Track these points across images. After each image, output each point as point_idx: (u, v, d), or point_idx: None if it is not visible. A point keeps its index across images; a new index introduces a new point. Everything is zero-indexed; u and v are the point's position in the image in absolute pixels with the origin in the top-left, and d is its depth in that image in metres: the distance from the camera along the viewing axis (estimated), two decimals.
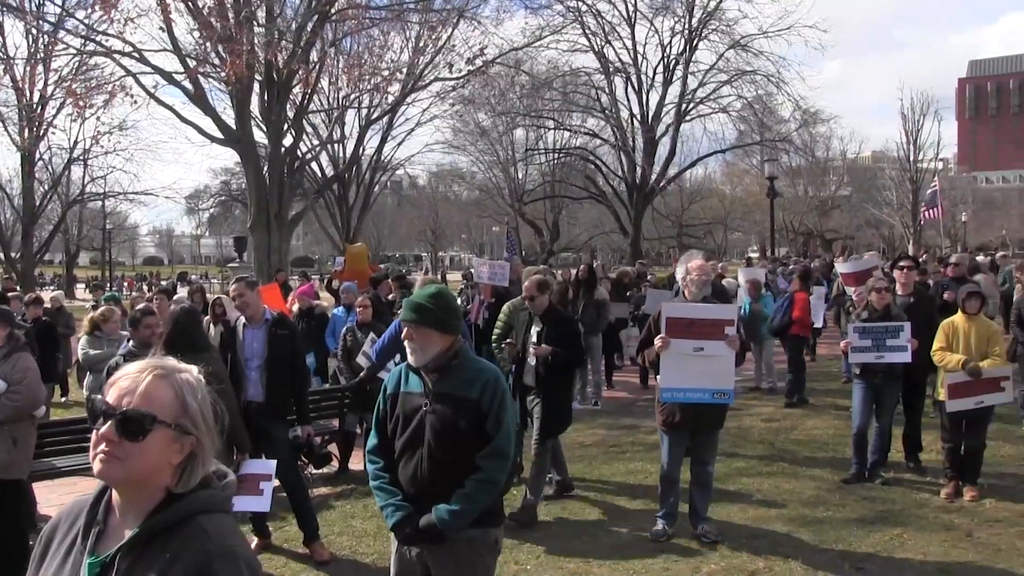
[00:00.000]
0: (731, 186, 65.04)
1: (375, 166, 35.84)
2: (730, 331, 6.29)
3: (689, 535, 6.58)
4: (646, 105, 34.82)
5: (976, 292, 7.76)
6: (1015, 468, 8.47)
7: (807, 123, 36.53)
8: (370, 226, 60.77)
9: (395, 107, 26.67)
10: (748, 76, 33.26)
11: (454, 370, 3.77)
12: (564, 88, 34.58)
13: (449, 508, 3.62)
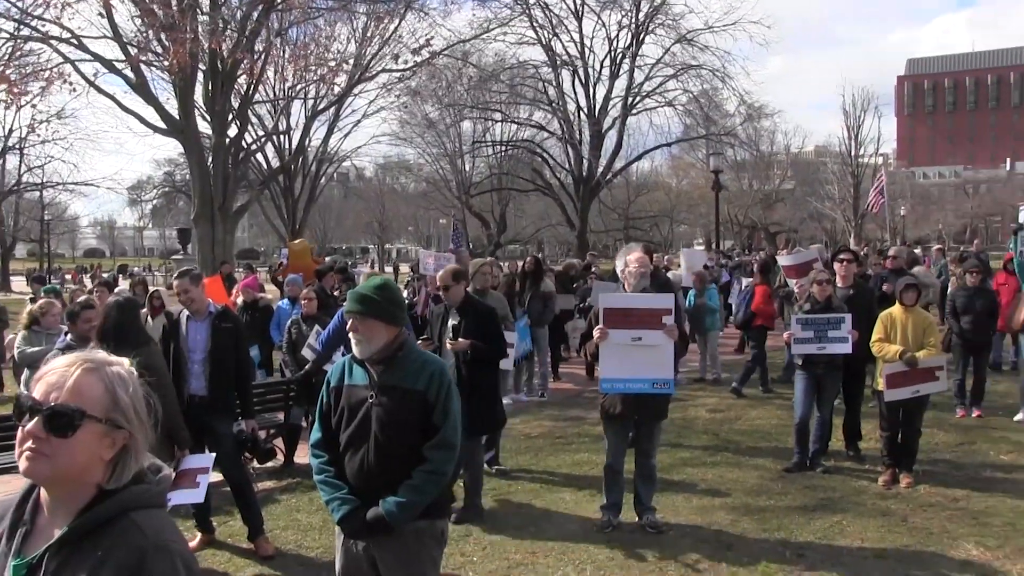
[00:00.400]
0: (677, 179, 65.60)
1: (321, 158, 35.56)
2: (668, 320, 6.32)
3: (634, 526, 6.63)
4: (593, 98, 35.00)
5: (913, 284, 7.94)
6: (948, 454, 8.71)
7: (752, 117, 36.95)
8: (316, 218, 60.24)
9: (341, 98, 26.46)
10: (694, 70, 33.56)
11: (399, 362, 3.76)
12: (511, 81, 34.55)
13: (397, 500, 3.61)
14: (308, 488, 7.52)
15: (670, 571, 5.75)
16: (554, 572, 5.80)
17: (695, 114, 35.21)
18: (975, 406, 10.48)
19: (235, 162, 22.49)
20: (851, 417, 8.82)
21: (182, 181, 45.71)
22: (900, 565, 5.80)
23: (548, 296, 12.53)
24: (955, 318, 10.50)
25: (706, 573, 5.73)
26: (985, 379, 10.67)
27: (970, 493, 7.35)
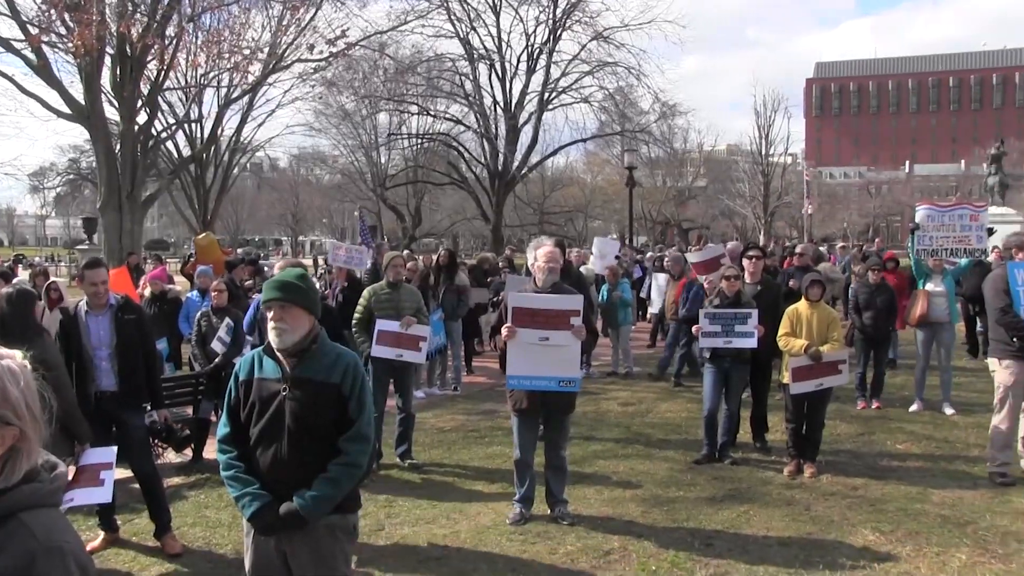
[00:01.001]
0: (592, 175, 66.24)
1: (234, 147, 34.77)
2: (575, 321, 6.41)
3: (547, 518, 6.68)
4: (509, 93, 34.99)
5: (818, 280, 8.19)
6: (849, 445, 9.01)
7: (666, 115, 37.40)
8: (229, 209, 59.06)
9: (255, 87, 25.85)
10: (610, 67, 33.80)
11: (314, 354, 3.72)
12: (428, 73, 34.32)
13: (312, 494, 3.58)
14: (217, 483, 7.36)
15: (581, 563, 5.82)
16: (466, 566, 5.81)
17: (610, 111, 35.51)
18: (874, 398, 10.86)
19: (144, 150, 21.84)
20: (758, 410, 9.05)
21: (88, 168, 44.25)
22: (803, 552, 5.97)
23: (462, 290, 12.56)
24: (857, 314, 10.87)
25: (617, 564, 5.81)
26: (884, 372, 11.07)
27: (868, 481, 7.63)
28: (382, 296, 8.53)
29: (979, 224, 10.73)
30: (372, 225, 28.07)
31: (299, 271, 3.93)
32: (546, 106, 34.80)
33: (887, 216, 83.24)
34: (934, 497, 7.19)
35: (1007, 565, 5.74)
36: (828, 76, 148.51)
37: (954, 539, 6.20)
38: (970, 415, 10.12)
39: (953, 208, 10.97)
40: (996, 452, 7.73)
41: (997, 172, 34.05)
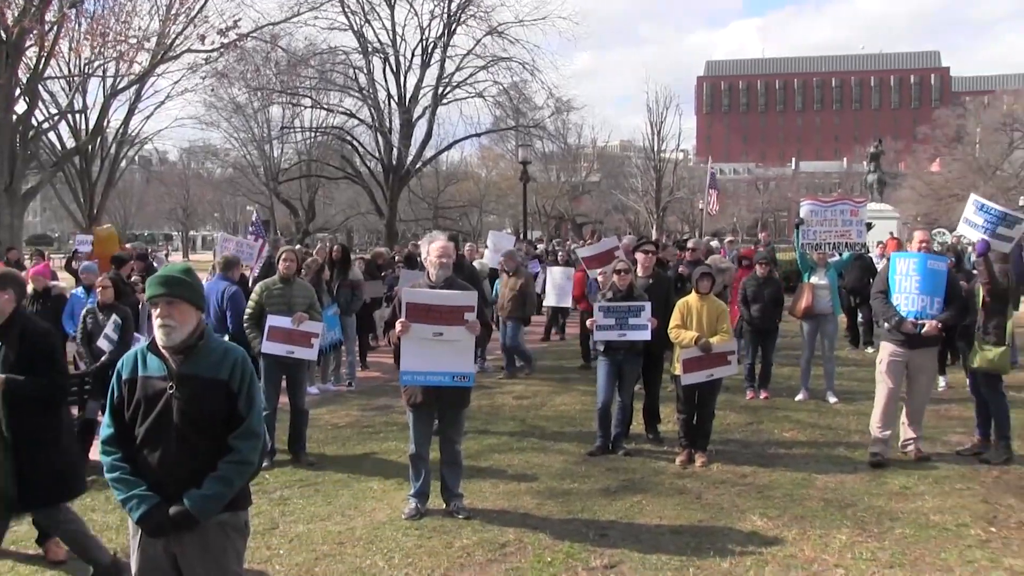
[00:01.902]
0: (486, 170, 66.40)
1: (121, 139, 33.49)
2: (469, 317, 6.42)
3: (442, 513, 6.65)
4: (404, 87, 34.72)
5: (708, 273, 8.37)
6: (739, 434, 9.25)
7: (560, 111, 37.77)
8: (116, 203, 57.02)
9: (143, 78, 24.96)
10: (504, 63, 33.89)
11: (201, 350, 3.64)
12: (322, 66, 33.73)
13: (203, 493, 3.50)
14: (104, 486, 7.06)
15: (477, 556, 5.81)
16: (362, 562, 5.74)
17: (505, 106, 35.60)
18: (763, 388, 11.19)
19: (24, 141, 20.89)
20: (650, 401, 9.20)
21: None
22: (694, 539, 6.10)
23: (356, 285, 12.42)
24: (745, 306, 11.16)
25: (512, 556, 5.82)
26: (772, 363, 11.40)
27: (756, 469, 7.85)
28: (274, 291, 8.41)
29: (859, 219, 11.16)
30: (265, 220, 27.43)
31: (184, 265, 3.81)
32: (440, 100, 34.69)
33: (775, 211, 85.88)
34: (818, 482, 7.45)
35: (881, 543, 6.01)
36: (718, 74, 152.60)
37: (836, 521, 6.44)
38: (851, 403, 10.52)
39: (835, 203, 11.38)
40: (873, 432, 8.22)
41: (876, 170, 35.52)
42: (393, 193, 35.19)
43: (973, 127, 58.26)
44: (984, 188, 50.80)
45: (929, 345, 8.10)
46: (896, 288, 8.07)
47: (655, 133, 57.03)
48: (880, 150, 37.02)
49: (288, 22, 28.31)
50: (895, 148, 72.52)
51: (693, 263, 11.24)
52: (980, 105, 60.96)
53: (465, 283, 6.98)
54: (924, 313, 7.87)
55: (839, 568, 5.57)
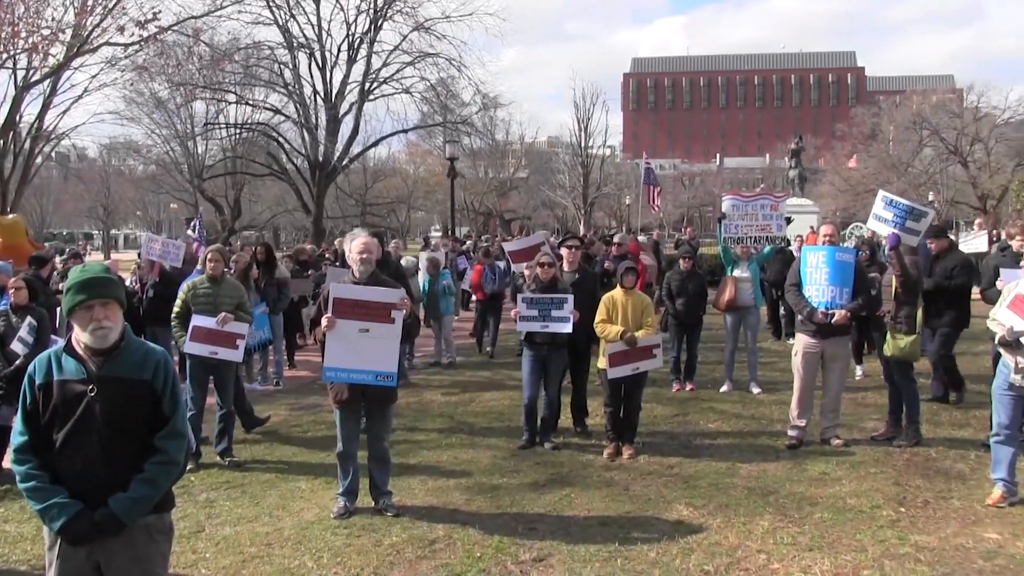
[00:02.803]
0: (414, 166, 66.01)
1: (36, 135, 32.41)
2: (396, 314, 6.42)
3: (371, 511, 6.64)
4: (330, 83, 34.36)
5: (632, 268, 8.50)
6: (665, 426, 9.40)
7: (487, 107, 37.76)
8: (32, 201, 55.31)
9: (58, 71, 24.18)
10: (431, 58, 33.77)
11: (122, 352, 3.55)
12: (246, 62, 33.13)
13: (131, 496, 3.43)
14: (18, 495, 6.89)
15: (407, 553, 5.81)
16: (291, 562, 5.70)
17: (432, 102, 35.48)
18: (688, 381, 11.38)
19: None
20: (577, 395, 9.30)
21: None
22: (622, 530, 6.18)
23: (283, 283, 12.27)
24: (670, 300, 11.33)
25: (442, 552, 5.83)
26: (697, 356, 11.60)
27: (682, 460, 7.99)
28: (200, 291, 8.28)
29: (779, 213, 11.43)
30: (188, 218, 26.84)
31: (104, 265, 3.73)
32: (367, 96, 34.44)
33: (700, 206, 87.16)
34: (741, 471, 7.63)
35: (801, 527, 6.20)
36: (644, 71, 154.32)
37: (759, 508, 6.60)
38: (774, 393, 10.77)
39: (756, 198, 11.64)
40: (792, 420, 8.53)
41: (797, 166, 36.42)
42: (320, 190, 34.80)
43: (887, 125, 59.95)
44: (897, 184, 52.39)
45: (841, 334, 8.41)
46: (807, 280, 8.35)
47: (582, 129, 57.58)
48: (800, 147, 37.97)
49: (211, 16, 27.75)
50: (815, 145, 74.27)
51: (618, 258, 11.37)
52: (893, 104, 62.74)
53: (390, 279, 6.98)
54: (834, 303, 8.17)
55: (762, 553, 5.71)
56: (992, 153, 51.31)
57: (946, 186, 53.32)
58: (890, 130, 59.22)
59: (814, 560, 5.58)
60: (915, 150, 55.80)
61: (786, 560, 5.60)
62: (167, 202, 59.98)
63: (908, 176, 53.96)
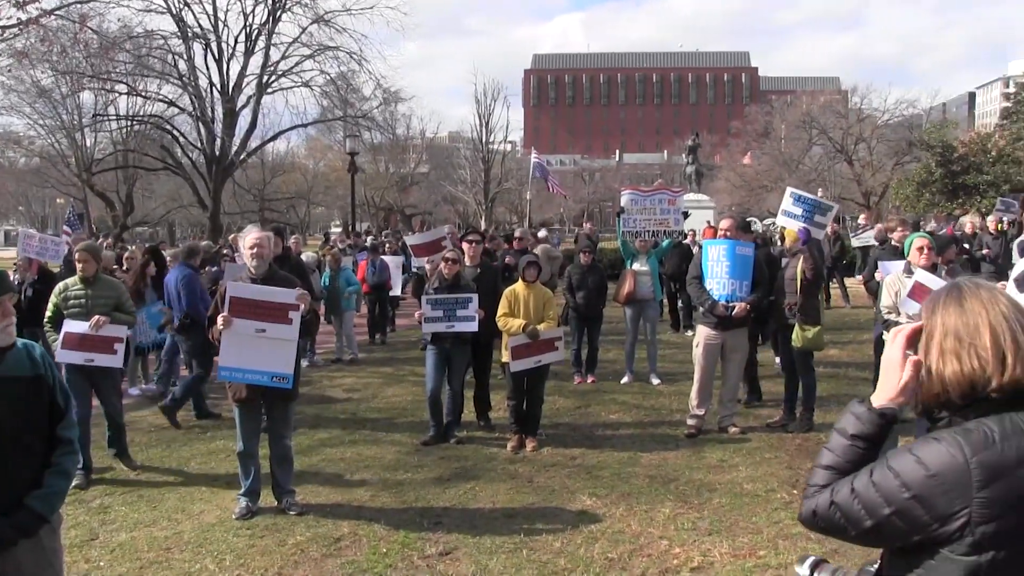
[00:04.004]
0: (314, 161, 65.18)
1: None
2: (294, 315, 6.36)
3: (275, 510, 6.56)
4: (226, 75, 33.47)
5: (534, 262, 8.57)
6: (568, 418, 9.53)
7: (388, 101, 37.45)
8: None
9: None
10: (331, 52, 33.25)
11: (10, 350, 3.40)
12: (137, 51, 32.00)
13: (48, 491, 3.31)
14: None
15: (312, 552, 5.76)
16: (191, 566, 5.58)
17: (332, 96, 34.98)
18: (590, 373, 11.55)
19: None
20: (480, 389, 9.35)
21: None
22: (527, 521, 6.26)
23: None
24: (571, 293, 11.47)
25: (348, 550, 5.80)
26: (597, 348, 11.77)
27: (585, 451, 8.13)
28: (71, 293, 7.58)
29: (676, 208, 11.67)
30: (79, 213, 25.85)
31: None
32: (265, 89, 33.73)
33: (600, 201, 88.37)
34: (643, 460, 7.80)
35: (701, 513, 6.40)
36: (545, 68, 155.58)
37: (660, 496, 6.77)
38: (673, 384, 11.02)
39: (653, 193, 11.87)
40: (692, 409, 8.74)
41: (694, 162, 37.22)
42: (216, 185, 33.94)
43: (779, 124, 61.91)
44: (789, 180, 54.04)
45: (740, 326, 8.66)
46: (708, 274, 8.58)
47: (483, 124, 57.64)
48: (697, 143, 38.81)
49: (99, 1, 26.76)
50: (711, 142, 76.06)
51: (520, 252, 11.46)
52: (784, 104, 64.75)
53: (288, 275, 6.90)
54: (734, 296, 8.41)
55: (663, 539, 5.86)
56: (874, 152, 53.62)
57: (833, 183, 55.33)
58: (782, 128, 61.18)
59: (713, 544, 5.75)
60: (805, 148, 57.85)
61: (687, 545, 5.75)
62: (53, 197, 57.63)
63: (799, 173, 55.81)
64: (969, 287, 2.09)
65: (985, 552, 1.84)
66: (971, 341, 1.99)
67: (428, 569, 5.47)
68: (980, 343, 1.98)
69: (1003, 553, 1.84)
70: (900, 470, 1.91)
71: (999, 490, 1.83)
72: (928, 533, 1.88)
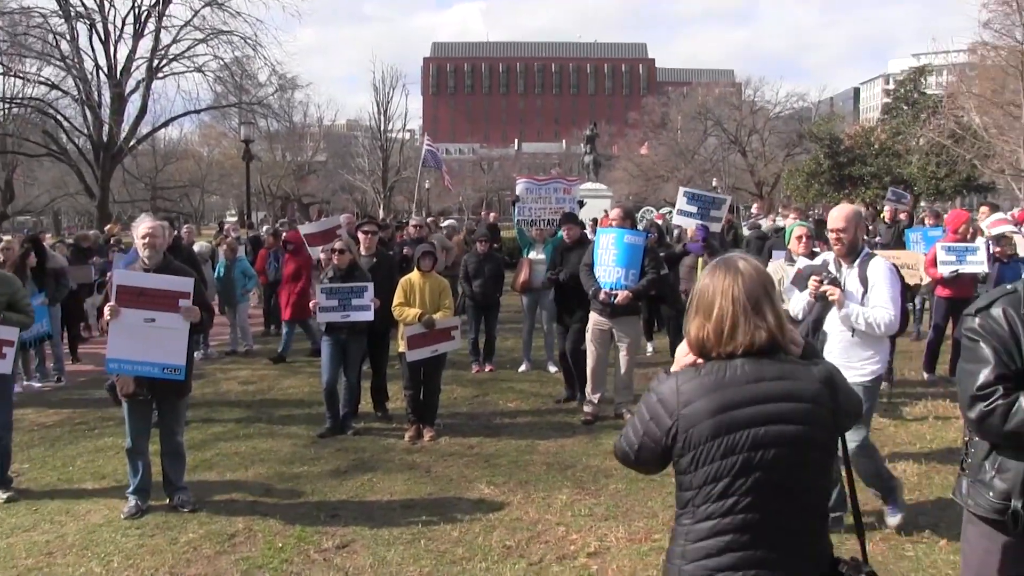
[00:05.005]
0: (208, 148, 63.49)
1: None
2: (184, 303, 6.20)
3: (166, 508, 6.40)
4: (114, 57, 32.25)
5: (430, 252, 8.55)
6: (465, 407, 9.57)
7: (284, 88, 36.77)
8: None
9: None
10: (225, 36, 32.41)
11: None
12: (14, 29, 30.51)
13: None
14: None
15: (205, 549, 5.64)
16: (75, 570, 5.38)
17: (227, 82, 34.11)
18: (487, 361, 11.60)
19: None
20: (378, 379, 9.31)
21: None
22: (425, 511, 6.26)
23: (60, 272, 11.44)
24: (467, 282, 11.48)
25: (242, 546, 5.70)
26: (495, 337, 11.82)
27: (483, 439, 8.17)
28: None
29: (571, 197, 11.82)
30: None
31: None
32: (156, 74, 32.62)
33: (499, 190, 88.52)
34: (540, 447, 7.88)
35: (598, 499, 6.51)
36: (444, 56, 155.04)
37: (557, 483, 6.86)
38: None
39: (549, 182, 11.99)
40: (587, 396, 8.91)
41: (592, 152, 37.66)
42: (105, 172, 32.69)
43: (675, 115, 63.27)
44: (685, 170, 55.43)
45: (629, 314, 8.81)
46: (598, 261, 8.71)
47: (382, 113, 57.24)
48: (595, 133, 39.29)
49: None
50: (609, 132, 77.13)
51: (416, 241, 11.41)
52: (680, 95, 66.24)
53: (183, 266, 6.74)
54: (620, 284, 8.54)
55: (560, 526, 5.94)
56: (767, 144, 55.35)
57: (728, 173, 56.92)
58: (678, 119, 62.53)
59: (609, 528, 5.86)
60: (700, 139, 59.34)
61: (583, 531, 5.84)
62: None
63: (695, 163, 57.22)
64: (720, 265, 2.60)
65: (683, 454, 2.47)
66: (706, 313, 2.54)
67: (325, 563, 5.42)
68: (711, 318, 2.52)
69: (694, 452, 2.45)
70: (643, 403, 2.57)
71: (693, 408, 2.44)
72: (663, 445, 2.50)
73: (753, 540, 2.42)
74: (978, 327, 2.96)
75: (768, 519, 2.43)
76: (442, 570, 5.30)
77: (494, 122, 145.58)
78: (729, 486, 2.42)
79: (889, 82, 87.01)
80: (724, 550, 2.43)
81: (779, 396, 2.44)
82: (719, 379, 2.46)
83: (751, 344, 2.48)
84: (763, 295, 2.52)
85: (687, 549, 2.50)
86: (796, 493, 2.45)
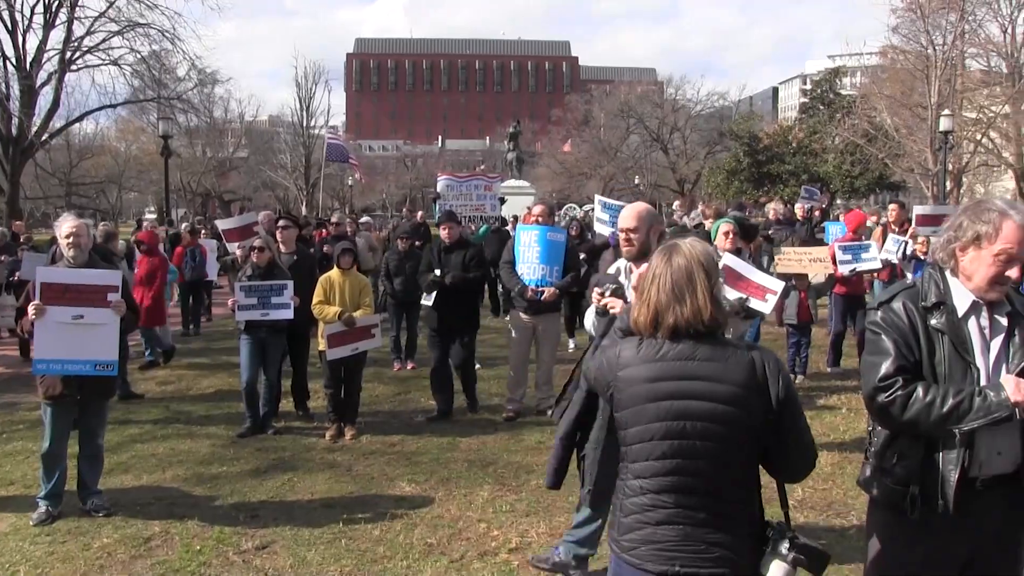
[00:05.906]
0: (126, 144, 61.93)
1: None
2: (113, 297, 6.06)
3: (79, 513, 6.24)
4: (23, 48, 31.19)
5: (349, 249, 8.52)
6: (387, 405, 9.57)
7: (204, 83, 36.14)
8: None
9: None
10: (142, 29, 31.59)
11: None
12: None
13: None
14: None
15: (120, 554, 5.52)
16: None
17: (144, 75, 33.29)
18: (409, 359, 11.59)
19: None
20: (298, 378, 9.23)
21: None
22: (346, 510, 6.24)
23: None
24: (389, 279, 11.43)
25: (159, 549, 5.61)
26: (417, 334, 11.80)
27: (405, 437, 8.18)
28: None
29: (492, 194, 11.89)
30: None
31: None
32: (69, 66, 31.63)
33: (422, 188, 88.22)
34: (462, 445, 7.93)
35: (519, 495, 6.57)
36: (367, 52, 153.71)
37: (479, 479, 6.91)
38: (493, 368, 11.21)
39: (470, 179, 12.06)
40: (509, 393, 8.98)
41: (515, 149, 37.89)
42: (14, 168, 31.59)
43: (598, 113, 63.94)
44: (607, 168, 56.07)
45: (551, 311, 8.92)
46: (520, 259, 8.77)
47: (304, 108, 56.61)
48: (518, 130, 39.54)
49: None
50: (532, 129, 77.52)
51: (336, 239, 11.34)
52: (603, 93, 66.89)
53: (108, 265, 6.59)
54: (544, 281, 8.62)
55: (482, 522, 5.99)
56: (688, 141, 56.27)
57: (650, 170, 57.72)
58: (601, 117, 63.14)
59: (531, 524, 5.93)
60: (623, 136, 60.01)
61: (505, 527, 5.90)
62: None
63: (617, 160, 57.89)
64: (662, 251, 2.84)
65: (617, 411, 2.82)
66: (642, 297, 2.81)
67: (244, 564, 5.37)
68: (645, 302, 2.78)
69: (626, 412, 2.78)
70: (594, 362, 2.97)
71: (628, 372, 2.76)
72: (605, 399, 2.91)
73: (676, 501, 2.70)
74: (880, 320, 3.11)
75: (691, 484, 2.70)
76: (363, 569, 5.30)
77: (418, 119, 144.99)
78: (654, 449, 2.72)
79: (806, 82, 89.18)
80: (649, 507, 2.74)
81: (706, 376, 2.69)
82: (652, 353, 2.76)
83: (676, 327, 2.73)
84: (690, 281, 2.74)
85: (624, 503, 2.82)
86: (719, 465, 2.70)
